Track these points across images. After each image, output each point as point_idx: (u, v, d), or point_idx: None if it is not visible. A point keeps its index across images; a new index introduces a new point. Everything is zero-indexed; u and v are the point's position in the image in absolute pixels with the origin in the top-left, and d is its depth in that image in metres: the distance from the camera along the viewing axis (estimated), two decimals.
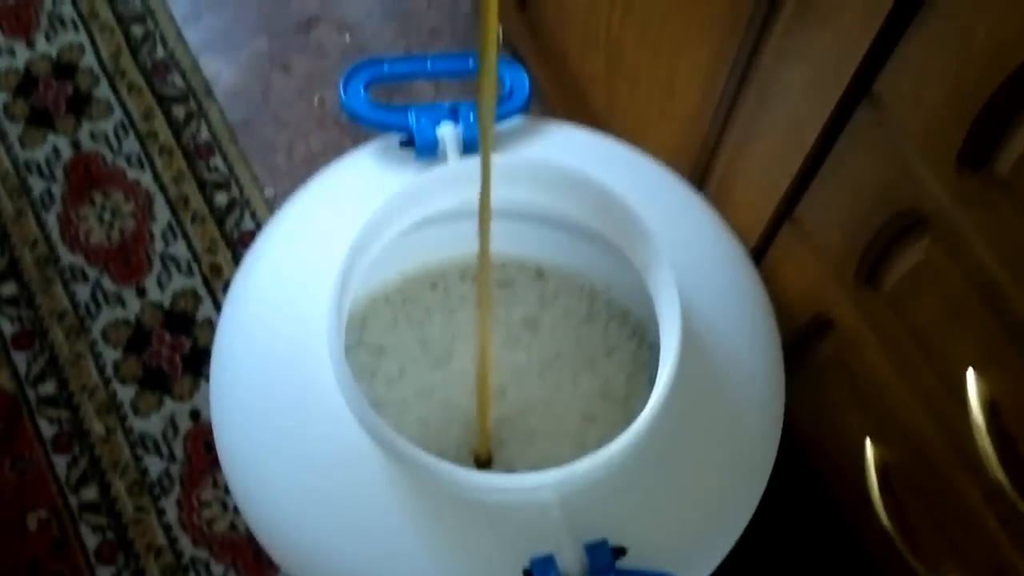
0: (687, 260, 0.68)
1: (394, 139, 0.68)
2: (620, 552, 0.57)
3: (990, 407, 0.52)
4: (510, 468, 0.75)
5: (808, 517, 0.81)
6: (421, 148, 0.67)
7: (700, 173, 0.73)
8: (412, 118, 0.67)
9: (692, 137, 0.72)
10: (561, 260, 0.81)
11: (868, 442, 0.66)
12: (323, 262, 0.63)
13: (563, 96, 0.92)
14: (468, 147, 0.67)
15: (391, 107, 0.69)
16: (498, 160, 0.60)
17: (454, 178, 0.64)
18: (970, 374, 0.53)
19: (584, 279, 0.81)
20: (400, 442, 0.55)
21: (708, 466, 0.62)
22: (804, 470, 0.77)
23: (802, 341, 0.70)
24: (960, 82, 0.46)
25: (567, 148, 0.71)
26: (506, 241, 0.73)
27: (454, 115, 0.68)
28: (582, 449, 0.77)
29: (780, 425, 0.65)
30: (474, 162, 0.65)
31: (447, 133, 0.67)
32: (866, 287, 0.59)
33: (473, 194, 0.64)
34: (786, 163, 0.61)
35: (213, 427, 0.65)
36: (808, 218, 0.62)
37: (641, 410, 0.79)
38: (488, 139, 0.53)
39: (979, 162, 0.47)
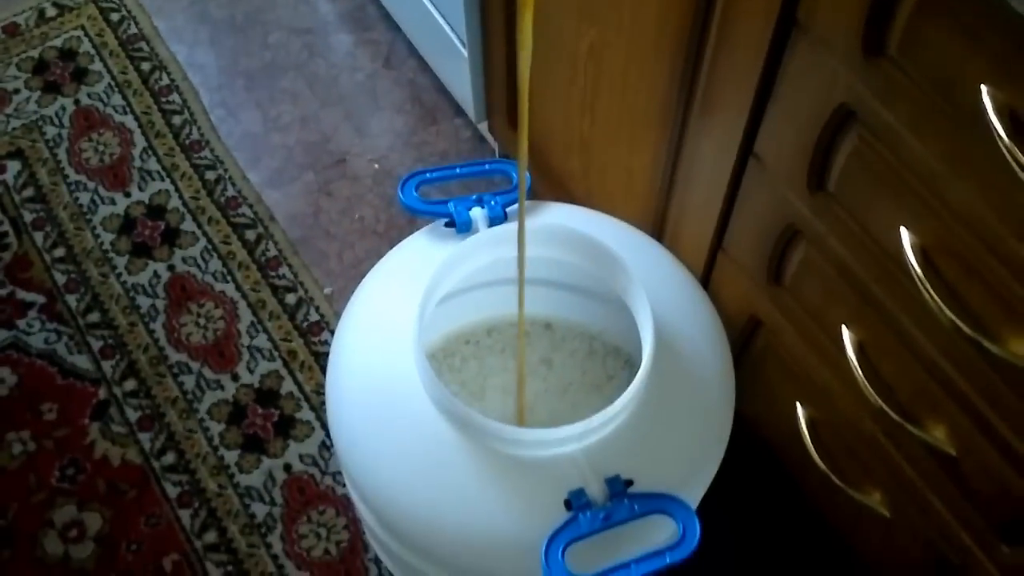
0: (655, 287, 0.95)
1: (440, 223, 0.97)
2: (629, 483, 0.82)
3: (860, 349, 0.79)
4: None
5: (760, 476, 1.06)
6: (460, 226, 0.95)
7: (657, 227, 1.01)
8: (452, 206, 0.96)
9: (648, 205, 1.00)
10: (565, 315, 1.09)
11: (798, 405, 0.92)
12: (400, 313, 0.90)
13: (550, 187, 1.21)
14: (492, 222, 0.95)
15: (435, 200, 0.97)
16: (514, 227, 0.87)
17: (486, 241, 0.92)
18: (844, 330, 0.79)
19: (584, 327, 1.08)
20: (461, 407, 0.81)
21: (686, 422, 0.88)
22: (753, 440, 1.03)
23: (743, 339, 0.97)
24: (800, 134, 0.74)
25: (563, 218, 0.99)
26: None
27: (480, 202, 0.96)
28: None
29: (733, 395, 0.91)
30: (498, 231, 0.93)
31: (477, 214, 0.95)
32: (775, 285, 0.86)
33: (499, 256, 0.91)
34: (711, 211, 0.89)
35: (329, 426, 0.91)
36: (732, 246, 0.90)
37: None
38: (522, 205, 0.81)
39: (820, 184, 0.75)
